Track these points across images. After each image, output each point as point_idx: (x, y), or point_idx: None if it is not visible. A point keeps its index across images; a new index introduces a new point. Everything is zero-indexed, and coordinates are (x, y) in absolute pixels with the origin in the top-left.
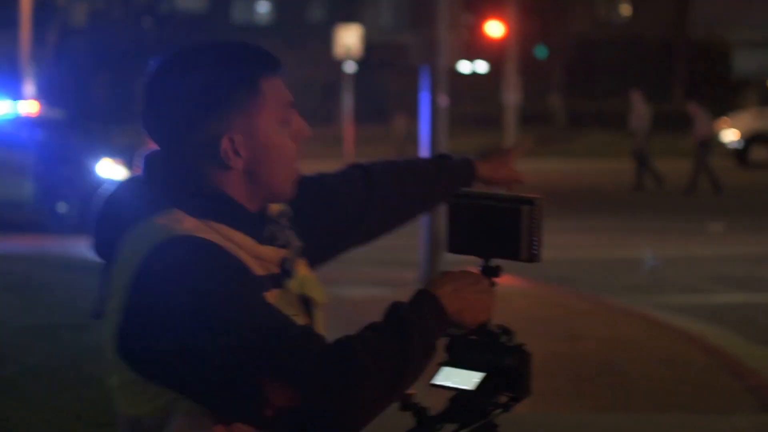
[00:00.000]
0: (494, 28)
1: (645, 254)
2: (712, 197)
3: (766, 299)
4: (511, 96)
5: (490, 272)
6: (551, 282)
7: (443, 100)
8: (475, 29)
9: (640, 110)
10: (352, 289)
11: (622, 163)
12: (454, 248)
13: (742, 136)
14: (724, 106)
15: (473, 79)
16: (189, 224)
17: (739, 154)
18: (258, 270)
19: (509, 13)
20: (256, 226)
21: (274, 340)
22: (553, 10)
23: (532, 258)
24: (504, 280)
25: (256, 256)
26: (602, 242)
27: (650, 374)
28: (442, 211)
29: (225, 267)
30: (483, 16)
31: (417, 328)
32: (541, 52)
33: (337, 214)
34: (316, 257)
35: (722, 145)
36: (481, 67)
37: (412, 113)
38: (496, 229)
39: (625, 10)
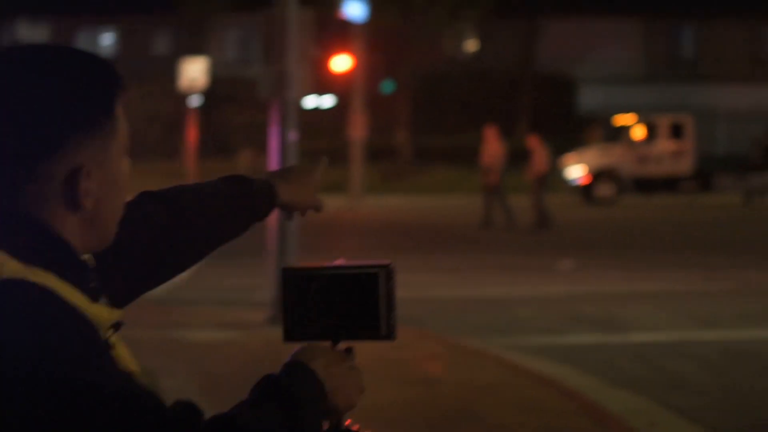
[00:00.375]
0: (340, 63)
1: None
2: (562, 234)
3: (621, 340)
4: (357, 131)
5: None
6: (401, 323)
7: (292, 135)
8: (321, 63)
9: (494, 146)
10: (197, 333)
11: (468, 199)
12: (294, 334)
13: (588, 172)
14: (568, 142)
15: (319, 113)
16: (13, 267)
17: (585, 190)
18: None
19: (356, 47)
20: (84, 278)
21: (133, 412)
22: (399, 44)
23: (391, 333)
24: None
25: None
26: (452, 281)
27: (509, 420)
28: (291, 256)
29: (68, 318)
30: (329, 51)
31: (307, 405)
32: (387, 86)
33: (141, 251)
34: (117, 302)
35: (567, 181)
36: (327, 101)
37: (258, 148)
38: (347, 303)
39: (472, 45)
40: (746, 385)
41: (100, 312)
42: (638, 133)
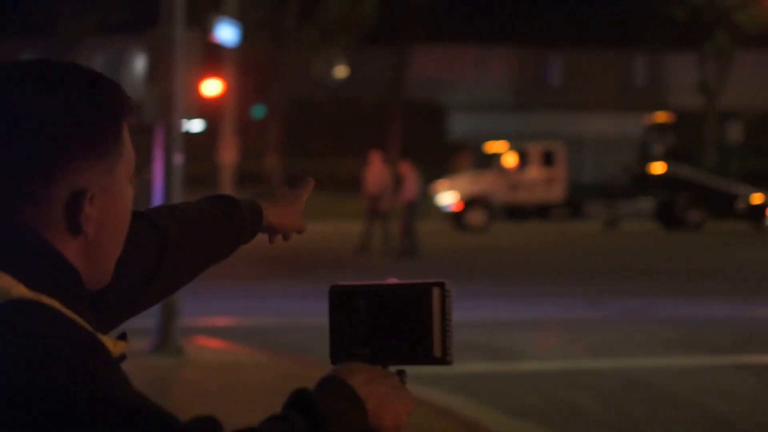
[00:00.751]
0: (211, 87)
1: None
2: (436, 261)
3: (511, 368)
4: (227, 155)
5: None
6: (281, 351)
7: (178, 158)
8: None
9: (379, 171)
10: None
11: (339, 224)
12: (340, 355)
13: (460, 199)
14: (438, 169)
15: (188, 137)
16: (22, 290)
17: (456, 217)
18: None
19: (226, 71)
20: (86, 308)
21: (150, 427)
22: (270, 69)
23: (446, 356)
24: (231, 348)
25: None
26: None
27: None
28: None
29: (81, 337)
30: (200, 74)
31: (335, 421)
32: (258, 111)
33: (130, 275)
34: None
35: (438, 208)
36: (197, 125)
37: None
38: (398, 323)
39: (341, 71)
40: (640, 414)
41: (105, 343)
42: (510, 160)
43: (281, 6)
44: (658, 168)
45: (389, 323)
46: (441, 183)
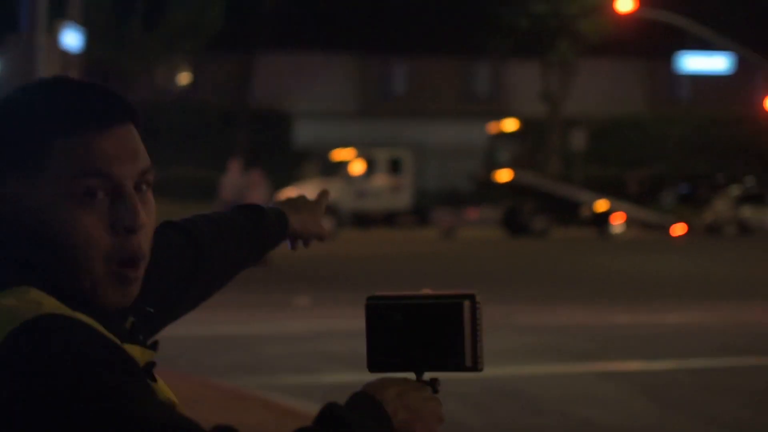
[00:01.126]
0: None
1: None
2: (288, 269)
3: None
4: None
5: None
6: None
7: None
8: None
9: (237, 179)
10: None
11: None
12: (378, 365)
13: None
14: (284, 177)
15: None
16: (53, 303)
17: None
18: None
19: (71, 77)
20: (112, 316)
21: None
22: (115, 75)
23: (476, 365)
24: None
25: None
26: (190, 317)
27: None
28: None
29: (111, 351)
30: None
31: None
32: None
33: (166, 282)
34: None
35: None
36: None
37: None
38: (431, 333)
39: (184, 78)
40: (513, 423)
41: (132, 352)
42: (357, 167)
43: (125, 12)
44: (503, 175)
45: (423, 334)
46: (288, 191)
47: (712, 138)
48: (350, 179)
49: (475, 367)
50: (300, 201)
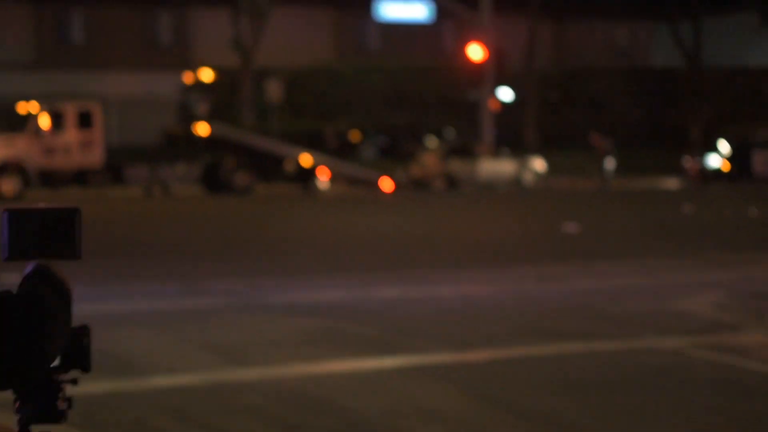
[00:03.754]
0: None
1: None
2: None
3: (139, 385)
4: None
5: None
6: None
7: None
8: None
9: None
10: None
11: None
12: (12, 255)
13: None
14: None
15: None
16: None
17: None
18: None
19: None
20: None
21: None
22: None
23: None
24: None
25: None
26: None
27: None
28: None
29: None
30: None
31: None
32: None
33: None
34: None
35: None
36: None
37: None
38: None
39: None
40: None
41: None
42: (44, 121)
43: None
44: (201, 129)
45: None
46: None
47: (407, 89)
48: (38, 134)
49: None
50: None
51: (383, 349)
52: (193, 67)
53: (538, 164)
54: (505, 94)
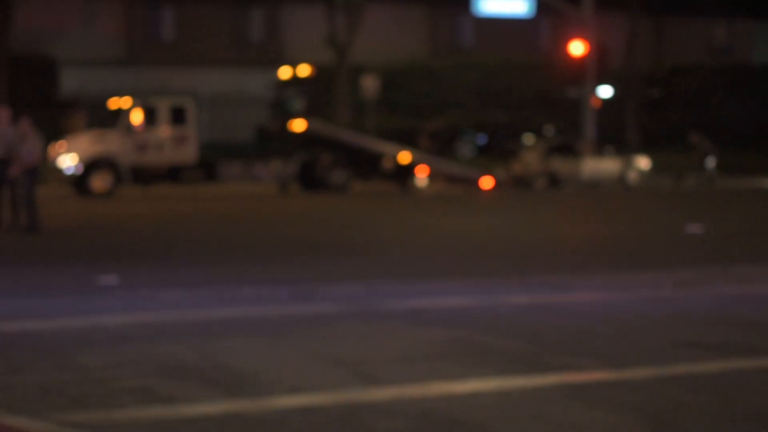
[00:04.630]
0: None
1: None
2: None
3: (256, 407)
4: None
5: None
6: None
7: None
8: None
9: (5, 130)
10: None
11: None
12: None
13: (81, 162)
14: (50, 128)
15: None
16: None
17: (78, 182)
18: None
19: None
20: None
21: None
22: None
23: None
24: None
25: None
26: None
27: None
28: None
29: None
30: None
31: None
32: None
33: None
34: None
35: (58, 172)
36: None
37: None
38: None
39: None
40: None
41: None
42: (137, 117)
43: None
44: (297, 126)
45: None
46: (59, 144)
47: (504, 86)
48: (130, 130)
49: None
50: None
51: (530, 366)
52: (284, 64)
53: (643, 163)
54: (605, 91)
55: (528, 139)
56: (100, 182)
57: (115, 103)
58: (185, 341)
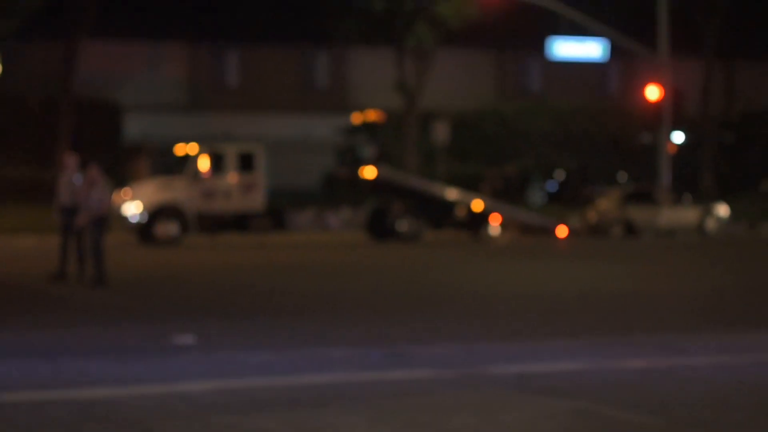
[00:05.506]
0: None
1: None
2: (127, 289)
3: None
4: None
5: None
6: None
7: None
8: None
9: (74, 177)
10: None
11: (8, 240)
12: None
13: (146, 210)
14: (114, 173)
15: None
16: None
17: (143, 230)
18: None
19: None
20: None
21: None
22: None
23: None
24: None
25: None
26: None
27: None
28: None
29: None
30: None
31: None
32: None
33: None
34: None
35: (123, 220)
36: None
37: None
38: None
39: None
40: None
41: None
42: (204, 164)
43: None
44: (368, 173)
45: None
46: (124, 191)
47: (574, 130)
48: (197, 177)
49: None
50: None
51: None
52: (349, 109)
53: (723, 210)
54: (678, 136)
55: (608, 186)
56: (165, 230)
57: (181, 149)
58: (277, 414)
